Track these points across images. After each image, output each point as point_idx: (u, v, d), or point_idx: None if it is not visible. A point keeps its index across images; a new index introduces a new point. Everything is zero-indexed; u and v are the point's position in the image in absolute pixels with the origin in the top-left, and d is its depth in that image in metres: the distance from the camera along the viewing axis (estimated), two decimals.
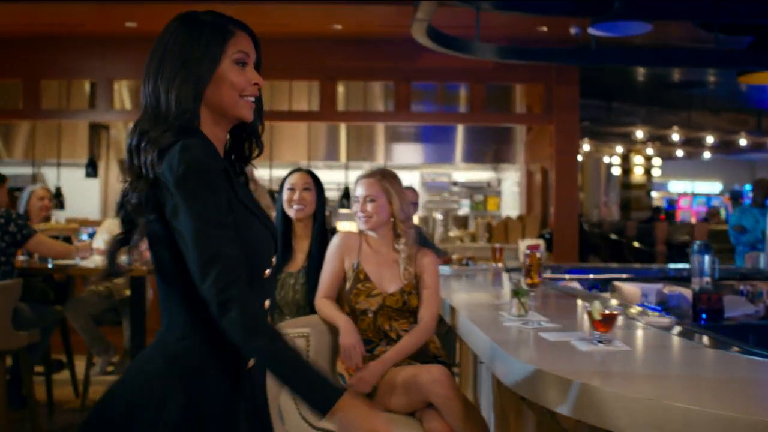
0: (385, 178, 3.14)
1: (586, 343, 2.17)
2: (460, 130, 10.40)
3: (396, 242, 3.12)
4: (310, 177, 3.59)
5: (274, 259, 1.69)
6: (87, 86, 8.54)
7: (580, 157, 17.51)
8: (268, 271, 1.65)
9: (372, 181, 3.12)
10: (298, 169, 3.64)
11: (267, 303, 1.67)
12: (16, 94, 8.13)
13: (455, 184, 10.92)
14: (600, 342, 2.16)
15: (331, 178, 10.17)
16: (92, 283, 5.52)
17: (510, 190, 10.73)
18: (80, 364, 5.74)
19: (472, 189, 10.88)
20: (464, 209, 10.79)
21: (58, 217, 8.73)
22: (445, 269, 4.86)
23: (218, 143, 1.65)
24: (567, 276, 5.18)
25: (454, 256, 5.30)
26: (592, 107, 11.40)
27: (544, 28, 7.41)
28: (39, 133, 9.77)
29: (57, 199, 8.57)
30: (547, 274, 5.12)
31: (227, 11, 1.69)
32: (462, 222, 10.22)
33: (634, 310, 2.90)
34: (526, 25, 7.38)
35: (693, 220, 16.23)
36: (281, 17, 7.15)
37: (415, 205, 5.48)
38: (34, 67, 7.93)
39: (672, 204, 18.40)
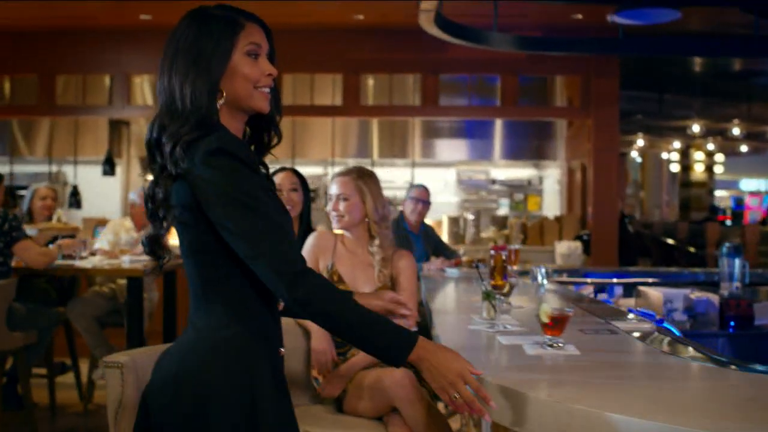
0: (361, 177, 3.23)
1: (536, 347, 2.24)
2: (499, 125, 10.43)
3: (370, 244, 3.21)
4: (297, 177, 3.72)
5: None
6: (107, 81, 8.81)
7: (636, 153, 17.35)
8: None
9: (346, 180, 3.22)
10: (283, 169, 3.77)
11: None
12: (34, 89, 8.45)
13: (494, 182, 10.94)
14: (549, 346, 2.22)
15: None
16: (97, 283, 5.74)
17: (552, 188, 10.72)
18: (85, 367, 5.95)
19: (511, 187, 10.89)
20: (503, 209, 10.81)
21: (76, 216, 9.03)
22: (453, 272, 4.93)
23: (237, 135, 1.80)
24: (588, 280, 5.20)
25: (464, 258, 5.37)
26: (643, 99, 11.31)
27: (579, 16, 7.41)
28: (60, 130, 10.11)
29: (74, 197, 8.87)
30: (563, 278, 5.16)
31: (245, 4, 1.81)
32: (501, 222, 10.23)
33: (611, 314, 2.94)
34: (561, 13, 7.40)
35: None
36: (301, 8, 7.29)
37: (426, 204, 5.56)
38: (49, 61, 8.23)
39: (740, 204, 18.07)
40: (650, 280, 5.28)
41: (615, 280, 5.19)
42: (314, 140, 10.25)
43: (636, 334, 2.50)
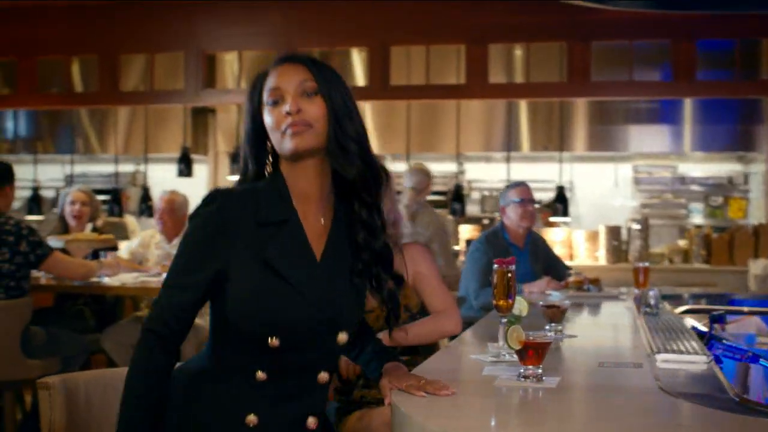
0: None
1: (511, 379, 2.45)
2: (689, 105, 10.33)
3: None
4: None
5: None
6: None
7: None
8: (274, 341, 2.18)
9: None
10: None
11: (310, 369, 2.28)
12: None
13: (683, 180, 10.85)
14: (524, 377, 2.43)
15: (501, 174, 10.43)
16: (143, 307, 6.28)
17: (761, 189, 10.51)
18: None
19: (707, 187, 10.76)
20: (696, 216, 10.70)
21: (147, 226, 9.74)
22: (556, 295, 5.06)
23: (299, 184, 2.26)
24: (745, 308, 5.22)
25: (570, 279, 5.48)
26: None
27: None
28: (137, 123, 10.89)
29: (144, 203, 9.57)
30: (700, 304, 5.21)
31: None
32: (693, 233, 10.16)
33: (679, 348, 3.07)
34: None
35: None
36: None
37: (523, 202, 5.66)
38: (111, 39, 8.96)
39: None
40: None
41: None
42: (447, 130, 10.50)
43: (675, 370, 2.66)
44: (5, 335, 5.13)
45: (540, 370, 2.43)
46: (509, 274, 2.86)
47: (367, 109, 10.72)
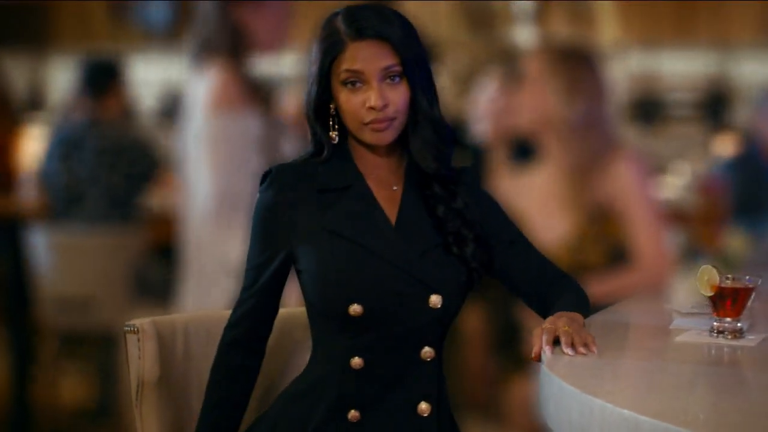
0: (559, 58, 3.46)
1: (700, 334, 2.41)
2: None
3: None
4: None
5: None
6: None
7: None
8: (355, 307, 2.34)
9: (537, 59, 3.52)
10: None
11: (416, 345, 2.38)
12: None
13: None
14: (719, 333, 2.39)
15: None
16: None
17: None
18: None
19: None
20: None
21: None
22: None
23: (367, 154, 2.44)
24: None
25: None
26: None
27: None
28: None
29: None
30: None
31: None
32: None
33: None
34: None
35: None
36: None
37: None
38: None
39: None
40: None
41: None
42: (704, 11, 10.20)
43: None
44: (115, 272, 5.28)
45: (739, 324, 2.39)
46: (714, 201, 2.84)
47: None
